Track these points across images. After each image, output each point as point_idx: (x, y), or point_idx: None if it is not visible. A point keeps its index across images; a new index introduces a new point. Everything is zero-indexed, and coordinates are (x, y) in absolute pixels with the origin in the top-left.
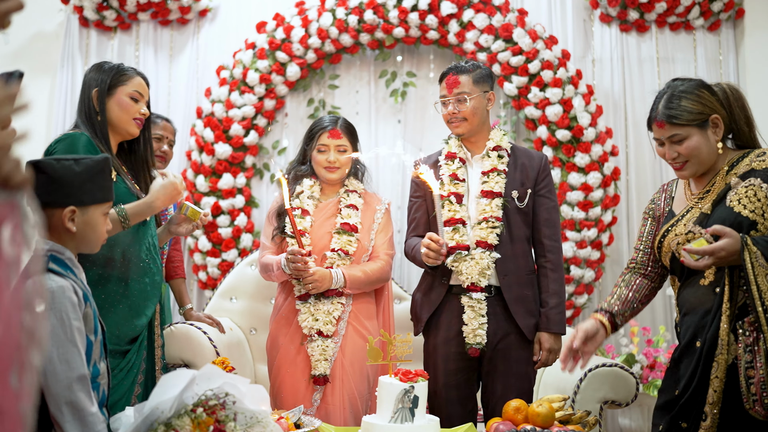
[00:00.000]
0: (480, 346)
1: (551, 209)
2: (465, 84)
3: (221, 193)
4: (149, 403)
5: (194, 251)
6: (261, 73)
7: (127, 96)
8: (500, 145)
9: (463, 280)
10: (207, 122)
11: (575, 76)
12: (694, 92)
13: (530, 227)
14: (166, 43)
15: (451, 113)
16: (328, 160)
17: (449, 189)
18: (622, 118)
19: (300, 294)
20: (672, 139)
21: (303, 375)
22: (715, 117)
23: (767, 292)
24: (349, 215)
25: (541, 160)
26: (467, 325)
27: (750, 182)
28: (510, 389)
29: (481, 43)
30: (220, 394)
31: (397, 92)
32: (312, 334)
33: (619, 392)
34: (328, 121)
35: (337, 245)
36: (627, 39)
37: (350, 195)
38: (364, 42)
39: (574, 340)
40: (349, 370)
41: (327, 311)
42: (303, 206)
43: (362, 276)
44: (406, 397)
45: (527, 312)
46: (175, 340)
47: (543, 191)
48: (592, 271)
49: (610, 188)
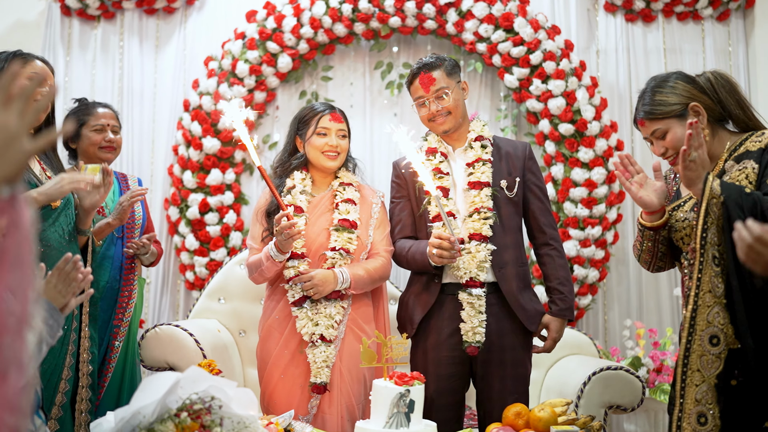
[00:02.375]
0: (479, 345)
1: (543, 197)
2: (440, 79)
3: (209, 190)
4: (130, 407)
5: (181, 250)
6: (251, 64)
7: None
8: (482, 135)
9: (460, 276)
10: (194, 115)
11: (579, 68)
12: (667, 85)
13: (521, 217)
14: (152, 32)
15: (434, 112)
16: (330, 144)
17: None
18: (627, 111)
19: (294, 299)
20: (655, 134)
21: (297, 381)
22: (695, 105)
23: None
24: (348, 210)
25: (525, 148)
26: (465, 322)
27: (743, 164)
28: (507, 393)
29: (481, 33)
30: (205, 397)
31: (393, 84)
32: (314, 340)
33: (624, 396)
34: (324, 106)
35: (338, 243)
36: (633, 29)
37: (346, 189)
38: (359, 32)
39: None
40: (347, 377)
41: (329, 315)
42: (296, 203)
43: (365, 275)
44: (402, 402)
45: (525, 303)
46: (159, 342)
47: (532, 179)
48: (597, 270)
49: (615, 184)
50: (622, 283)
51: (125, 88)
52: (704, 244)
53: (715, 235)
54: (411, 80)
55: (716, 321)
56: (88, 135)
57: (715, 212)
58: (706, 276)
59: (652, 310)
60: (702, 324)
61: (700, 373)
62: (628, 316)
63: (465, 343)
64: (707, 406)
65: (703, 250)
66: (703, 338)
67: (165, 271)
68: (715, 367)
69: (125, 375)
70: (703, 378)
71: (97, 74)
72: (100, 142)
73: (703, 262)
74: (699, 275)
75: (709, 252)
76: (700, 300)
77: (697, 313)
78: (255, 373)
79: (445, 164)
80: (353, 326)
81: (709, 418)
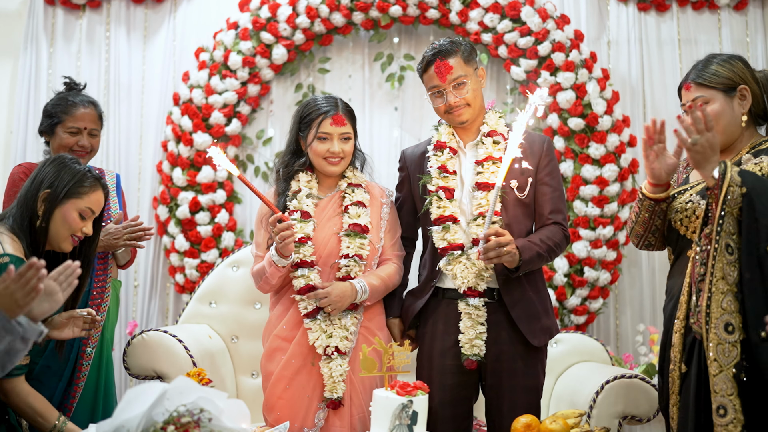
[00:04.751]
0: (477, 358)
1: (556, 199)
2: (457, 67)
3: (200, 188)
4: (113, 420)
5: (170, 251)
6: (244, 56)
7: (77, 211)
8: (495, 130)
9: (458, 285)
10: (185, 110)
11: (589, 59)
12: (728, 60)
13: (532, 219)
14: (140, 22)
15: (452, 104)
16: (331, 151)
17: (437, 183)
18: (640, 105)
19: (307, 311)
20: (696, 102)
21: (304, 392)
22: (744, 88)
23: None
24: (359, 214)
25: (543, 143)
26: (464, 334)
27: (760, 159)
28: (518, 406)
29: (486, 22)
30: (194, 410)
31: (394, 77)
32: (330, 353)
33: (639, 406)
34: (327, 104)
35: (351, 250)
36: (645, 19)
37: (355, 190)
38: (358, 22)
39: None
40: (359, 388)
41: (344, 326)
42: (302, 207)
43: (381, 284)
44: (404, 413)
45: (531, 316)
46: (146, 349)
47: (546, 179)
48: (608, 273)
49: (628, 182)
50: (634, 286)
51: (112, 81)
52: (720, 231)
53: (730, 224)
54: (425, 68)
55: (729, 308)
56: (61, 135)
57: (733, 201)
58: (719, 263)
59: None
60: (717, 311)
61: (717, 362)
62: (641, 321)
63: (463, 356)
64: (727, 398)
65: (719, 236)
66: (718, 326)
67: (153, 274)
68: (732, 357)
69: (99, 385)
70: (720, 368)
71: (82, 66)
72: (72, 146)
73: (717, 249)
74: (713, 262)
75: (723, 240)
76: (714, 287)
77: (711, 300)
78: (248, 382)
79: (453, 161)
80: (367, 335)
81: (729, 409)
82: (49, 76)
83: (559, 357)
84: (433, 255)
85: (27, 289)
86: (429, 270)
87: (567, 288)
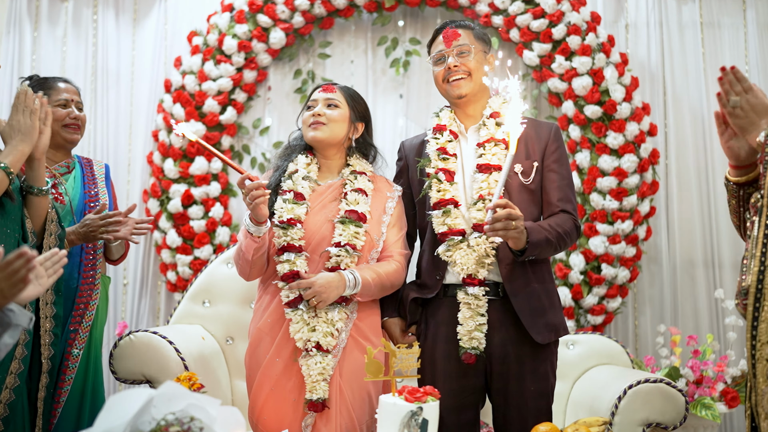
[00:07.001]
0: (476, 352)
1: (565, 186)
2: (465, 37)
3: (193, 180)
4: (95, 429)
5: (162, 247)
6: (240, 40)
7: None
8: (499, 112)
9: (457, 272)
10: (177, 97)
11: (606, 43)
12: None
13: (539, 208)
14: (129, 5)
15: (451, 66)
16: (312, 112)
17: (437, 165)
18: (660, 91)
19: (289, 299)
20: None
21: (291, 395)
22: None
23: None
24: (357, 201)
25: (550, 129)
26: (462, 325)
27: None
28: (528, 413)
29: (497, 4)
30: (183, 418)
31: (399, 62)
32: (309, 348)
33: (665, 413)
34: (327, 82)
35: (343, 238)
36: (666, 1)
37: (358, 177)
38: (360, 4)
39: None
40: (347, 394)
41: (329, 320)
42: (296, 188)
43: (376, 280)
44: (413, 421)
45: (534, 310)
46: (134, 352)
47: (553, 166)
48: (627, 270)
49: (648, 173)
50: (654, 284)
51: (99, 67)
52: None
53: None
54: (434, 36)
55: None
56: (51, 111)
57: None
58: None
59: (688, 314)
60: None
61: None
62: (662, 321)
63: (461, 350)
64: None
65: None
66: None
67: (144, 271)
68: None
69: (86, 389)
70: None
71: (68, 52)
72: (64, 119)
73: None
74: (766, 231)
75: None
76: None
77: (764, 275)
78: (244, 386)
79: (453, 144)
80: (358, 336)
81: None
82: (33, 62)
83: (577, 360)
84: (432, 244)
85: (14, 280)
86: (430, 261)
87: (583, 286)
